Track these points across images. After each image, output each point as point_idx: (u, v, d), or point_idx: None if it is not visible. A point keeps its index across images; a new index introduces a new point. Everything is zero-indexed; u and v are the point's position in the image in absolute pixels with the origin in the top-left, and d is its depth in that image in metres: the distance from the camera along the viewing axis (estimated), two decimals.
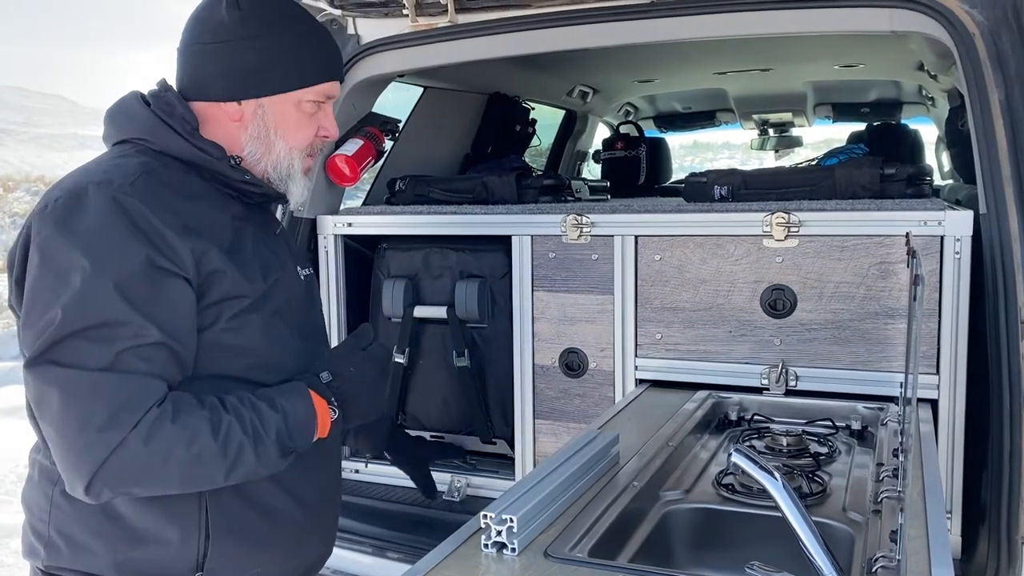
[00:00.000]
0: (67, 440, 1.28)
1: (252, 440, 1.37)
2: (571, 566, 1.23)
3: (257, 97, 1.54)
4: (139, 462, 1.29)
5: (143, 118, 1.50)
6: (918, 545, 1.22)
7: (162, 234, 1.36)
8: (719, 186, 2.41)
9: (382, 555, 2.37)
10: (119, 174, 1.39)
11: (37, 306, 1.32)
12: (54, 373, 1.28)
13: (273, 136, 1.56)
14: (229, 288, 1.44)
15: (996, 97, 1.97)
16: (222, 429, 1.34)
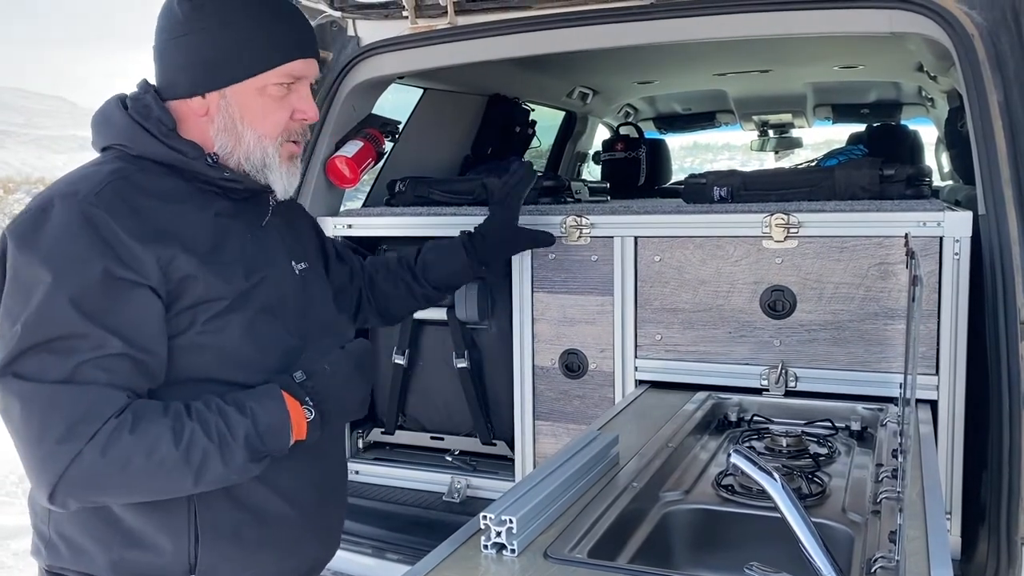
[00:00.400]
0: (28, 451, 1.29)
1: (218, 446, 1.35)
2: (571, 567, 1.23)
3: (218, 88, 1.51)
4: (98, 472, 1.29)
5: (121, 124, 1.50)
6: (917, 546, 1.22)
7: (125, 244, 1.35)
8: (718, 187, 2.42)
9: (381, 556, 2.37)
10: (87, 184, 1.39)
11: (6, 320, 1.33)
12: (16, 385, 1.29)
13: (240, 127, 1.52)
14: (203, 292, 1.43)
15: (995, 98, 1.97)
16: (184, 436, 1.33)
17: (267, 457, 1.43)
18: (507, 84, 3.84)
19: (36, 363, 1.29)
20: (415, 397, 2.76)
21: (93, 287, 1.32)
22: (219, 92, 1.52)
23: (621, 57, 3.60)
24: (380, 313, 2.12)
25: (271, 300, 1.54)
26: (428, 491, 2.63)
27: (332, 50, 2.76)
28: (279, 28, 1.55)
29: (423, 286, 2.13)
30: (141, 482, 1.33)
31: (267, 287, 1.54)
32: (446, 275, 2.15)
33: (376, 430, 2.82)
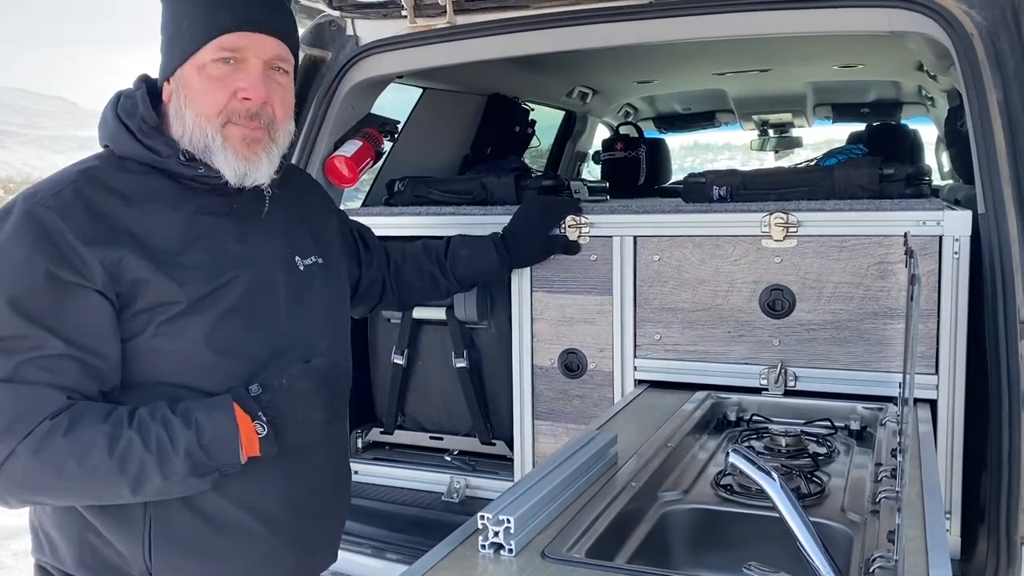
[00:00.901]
0: None
1: (156, 457, 1.31)
2: (568, 567, 1.23)
3: (172, 72, 1.49)
4: (31, 473, 1.28)
5: (110, 124, 1.51)
6: (916, 545, 1.22)
7: (71, 246, 1.33)
8: (718, 186, 2.41)
9: (381, 556, 2.37)
10: (49, 185, 1.39)
11: None
12: None
13: (184, 109, 1.47)
14: (156, 295, 1.40)
15: (994, 97, 1.97)
16: (119, 445, 1.30)
17: (215, 472, 1.37)
18: (506, 83, 3.83)
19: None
20: (414, 397, 2.76)
21: (35, 288, 1.31)
22: (173, 78, 1.50)
23: (621, 56, 3.60)
24: (400, 301, 2.18)
25: (244, 301, 1.49)
26: (427, 491, 2.63)
27: (331, 49, 2.76)
28: (218, 2, 1.48)
29: (449, 280, 2.19)
30: (75, 486, 1.31)
31: (239, 287, 1.48)
32: (474, 272, 2.23)
33: (375, 430, 2.82)
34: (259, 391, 1.43)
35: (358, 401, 2.81)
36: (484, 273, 2.26)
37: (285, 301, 1.58)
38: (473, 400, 2.63)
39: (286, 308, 1.57)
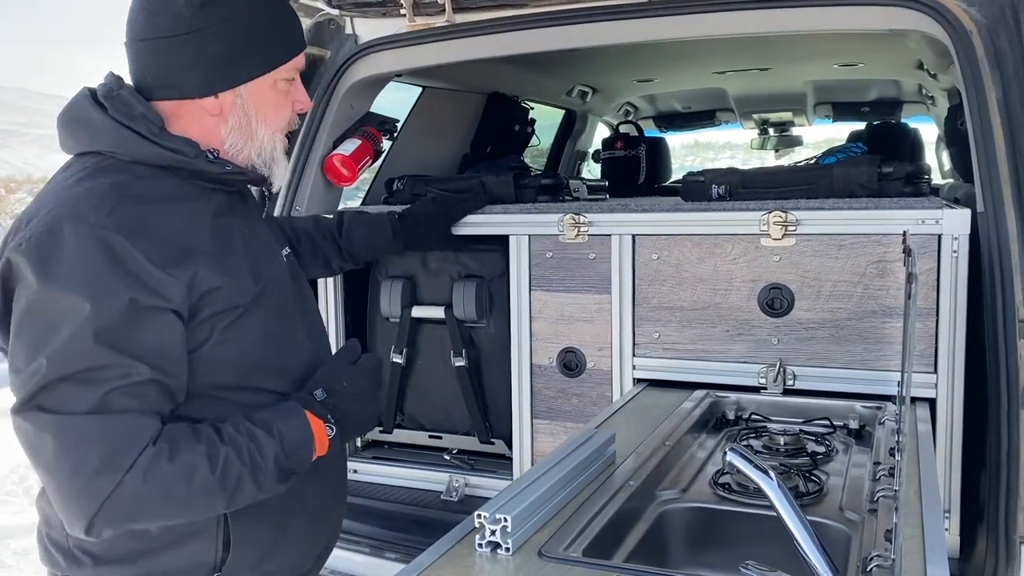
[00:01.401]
0: (61, 486, 1.26)
1: (250, 469, 1.35)
2: (565, 566, 1.23)
3: (235, 86, 1.47)
4: (138, 501, 1.27)
5: (103, 127, 1.41)
6: (914, 544, 1.21)
7: (149, 272, 1.31)
8: (717, 185, 2.41)
9: (379, 555, 2.37)
10: (91, 204, 1.32)
11: (22, 352, 1.28)
12: (42, 419, 1.25)
13: (255, 123, 1.50)
14: (224, 301, 1.41)
15: (994, 95, 1.96)
16: (219, 462, 1.32)
17: (294, 474, 1.43)
18: (506, 82, 3.83)
19: (62, 395, 1.25)
20: (413, 396, 2.76)
21: (119, 318, 1.28)
22: (234, 91, 1.47)
23: (620, 55, 3.60)
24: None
25: (277, 299, 1.53)
26: (426, 490, 2.63)
27: (330, 48, 2.75)
28: (286, 23, 1.54)
29: (343, 258, 2.27)
30: (179, 508, 1.33)
31: (273, 286, 1.53)
32: (370, 250, 2.34)
33: (375, 429, 2.81)
34: (324, 395, 1.49)
35: None
36: (380, 250, 2.39)
37: (294, 293, 1.62)
38: (472, 399, 2.63)
39: (295, 297, 1.62)
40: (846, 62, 3.89)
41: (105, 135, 1.41)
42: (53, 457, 1.24)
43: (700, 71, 4.26)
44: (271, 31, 1.49)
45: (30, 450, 1.28)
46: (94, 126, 1.42)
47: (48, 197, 1.38)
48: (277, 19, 1.52)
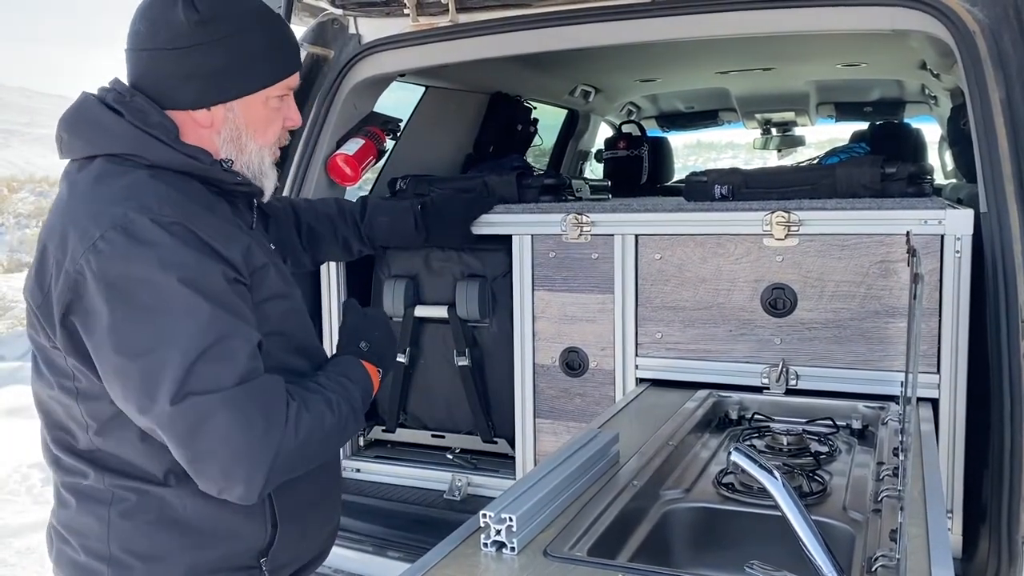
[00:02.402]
0: (236, 453, 1.31)
1: (351, 411, 1.52)
2: (570, 565, 1.23)
3: (226, 101, 1.51)
4: (297, 450, 1.37)
5: (122, 131, 1.44)
6: (918, 544, 1.22)
7: (220, 249, 1.38)
8: (720, 185, 2.41)
9: (382, 554, 2.37)
10: (147, 195, 1.38)
11: (138, 343, 1.31)
12: (200, 402, 1.29)
13: (245, 137, 1.55)
14: (271, 285, 1.52)
15: (997, 96, 1.97)
16: (335, 406, 1.47)
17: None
18: (509, 82, 3.83)
19: (205, 376, 1.30)
20: (416, 395, 2.76)
21: (221, 292, 1.36)
22: (225, 105, 1.52)
23: (623, 55, 3.60)
24: (313, 260, 2.27)
25: (298, 293, 1.66)
26: (429, 489, 2.64)
27: (333, 48, 2.76)
28: (281, 44, 1.59)
29: (363, 243, 2.33)
30: (320, 451, 1.47)
31: (291, 281, 1.65)
32: (391, 237, 2.39)
33: (377, 428, 2.82)
34: (367, 346, 1.69)
35: None
36: (400, 239, 2.41)
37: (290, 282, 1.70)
38: (475, 398, 2.64)
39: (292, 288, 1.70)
40: (849, 62, 3.89)
41: (125, 139, 1.43)
42: (225, 431, 1.30)
43: (703, 71, 4.26)
44: (267, 51, 1.54)
45: (190, 436, 1.31)
46: (111, 130, 1.44)
47: (88, 199, 1.39)
48: (273, 40, 1.56)
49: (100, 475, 1.44)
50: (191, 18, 1.45)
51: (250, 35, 1.51)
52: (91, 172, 1.43)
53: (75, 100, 1.50)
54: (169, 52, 1.46)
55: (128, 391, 1.32)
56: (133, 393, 1.31)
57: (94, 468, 1.45)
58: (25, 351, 9.87)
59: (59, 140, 1.48)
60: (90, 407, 1.42)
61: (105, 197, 1.38)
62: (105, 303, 1.31)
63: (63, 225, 1.37)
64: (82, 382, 1.40)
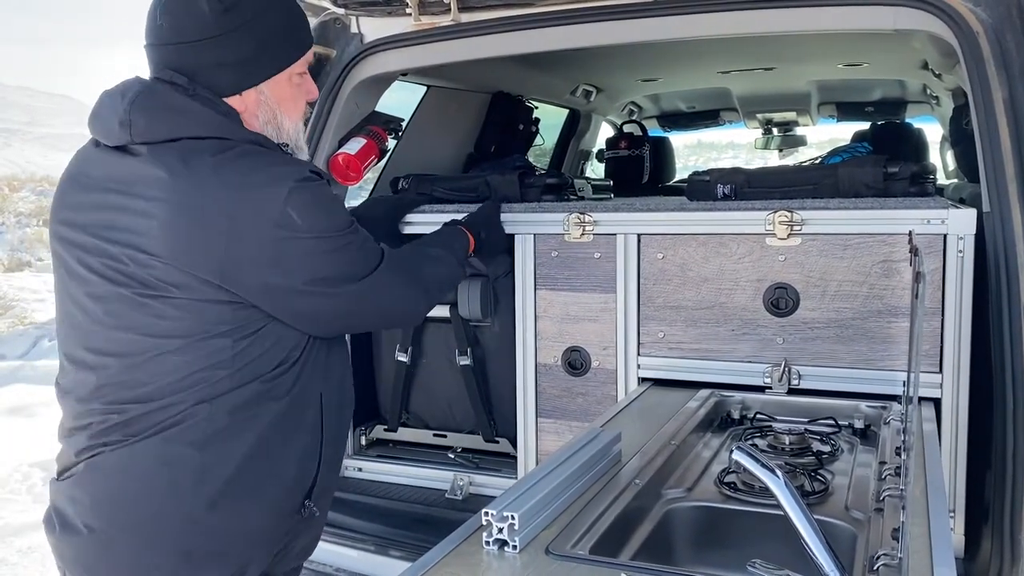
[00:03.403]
0: (408, 293, 1.76)
1: (463, 255, 2.11)
2: (572, 563, 1.23)
3: (260, 82, 1.59)
4: (439, 277, 1.93)
5: (206, 117, 1.52)
6: (920, 544, 1.21)
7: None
8: (722, 185, 2.41)
9: (384, 553, 2.37)
10: (299, 165, 1.58)
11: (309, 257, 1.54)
12: (376, 276, 1.65)
13: (280, 116, 1.64)
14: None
15: (1000, 95, 1.96)
16: (448, 253, 2.01)
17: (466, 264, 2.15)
18: (511, 82, 3.83)
19: (360, 263, 1.63)
20: (418, 394, 2.76)
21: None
22: (256, 88, 1.60)
23: (625, 55, 3.60)
24: None
25: None
26: (431, 488, 2.63)
27: (336, 47, 2.76)
28: (297, 22, 1.67)
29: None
30: (452, 275, 2.01)
31: None
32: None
33: (379, 427, 2.82)
34: (484, 236, 2.23)
35: (362, 398, 2.82)
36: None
37: None
38: (477, 398, 2.64)
39: None
40: (851, 62, 3.89)
41: (212, 123, 1.53)
42: (394, 286, 1.69)
43: (704, 71, 4.26)
44: (286, 30, 1.63)
45: (376, 303, 1.67)
46: (197, 115, 1.53)
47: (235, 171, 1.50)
48: (290, 18, 1.65)
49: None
50: (215, 8, 1.51)
51: (270, 16, 1.59)
52: (200, 151, 1.50)
53: (135, 87, 1.55)
54: (198, 44, 1.53)
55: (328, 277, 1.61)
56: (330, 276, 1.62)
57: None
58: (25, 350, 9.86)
59: (127, 124, 1.51)
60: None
61: (286, 165, 1.55)
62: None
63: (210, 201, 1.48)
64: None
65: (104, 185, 1.53)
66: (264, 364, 1.56)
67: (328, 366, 1.70)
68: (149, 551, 1.51)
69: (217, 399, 1.51)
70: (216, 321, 1.50)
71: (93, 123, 1.59)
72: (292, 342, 1.60)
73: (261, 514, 1.59)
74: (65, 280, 1.58)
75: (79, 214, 1.55)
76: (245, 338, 1.53)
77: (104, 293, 1.51)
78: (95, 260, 1.52)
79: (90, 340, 1.55)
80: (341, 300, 1.60)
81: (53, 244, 1.61)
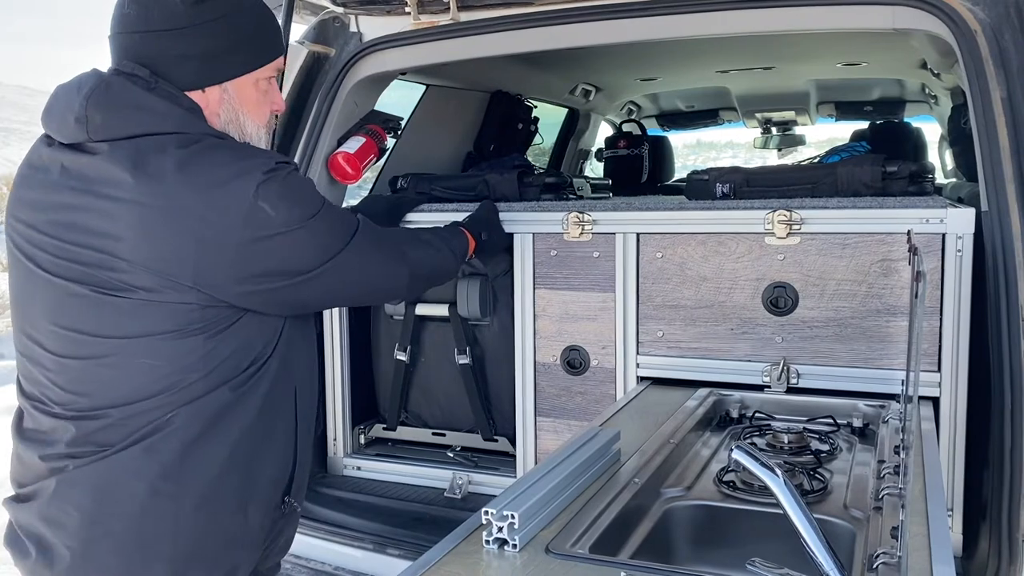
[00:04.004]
0: (389, 271, 1.78)
1: (463, 251, 2.14)
2: (572, 562, 1.23)
3: (221, 82, 1.56)
4: (426, 261, 1.92)
5: (168, 111, 1.48)
6: (919, 542, 1.22)
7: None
8: (721, 184, 2.41)
9: (383, 552, 2.37)
10: (265, 155, 1.55)
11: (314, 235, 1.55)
12: (356, 248, 1.64)
13: (243, 118, 1.60)
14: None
15: (998, 95, 1.97)
16: (448, 243, 2.05)
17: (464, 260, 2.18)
18: (510, 81, 3.83)
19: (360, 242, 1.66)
20: (417, 393, 2.76)
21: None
22: (219, 87, 1.56)
23: (624, 54, 3.60)
24: None
25: None
26: (430, 487, 2.64)
27: (334, 46, 2.76)
28: (268, 27, 1.64)
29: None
30: (447, 264, 2.02)
31: None
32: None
33: (378, 426, 2.82)
34: (486, 237, 2.26)
35: (361, 397, 2.82)
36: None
37: None
38: (476, 396, 2.64)
39: None
40: (849, 61, 3.89)
41: (172, 118, 1.49)
42: (371, 255, 1.70)
43: (703, 70, 4.26)
44: (257, 32, 1.60)
45: (356, 276, 1.66)
46: (157, 110, 1.48)
47: (202, 167, 1.46)
48: (262, 21, 1.62)
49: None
50: (186, 2, 1.49)
51: (241, 17, 1.56)
52: (161, 147, 1.45)
53: (90, 81, 1.49)
54: (165, 33, 1.49)
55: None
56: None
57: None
58: None
59: (84, 121, 1.45)
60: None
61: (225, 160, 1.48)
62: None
63: (178, 201, 1.43)
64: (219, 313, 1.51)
65: (62, 183, 1.47)
66: (234, 366, 1.52)
67: (298, 361, 1.66)
68: (141, 566, 1.49)
69: (191, 404, 1.48)
70: (186, 320, 1.46)
71: (47, 119, 1.52)
72: (263, 339, 1.57)
73: (245, 516, 1.58)
74: (22, 280, 1.52)
75: (36, 213, 1.49)
76: (216, 335, 1.49)
77: (65, 293, 1.45)
78: (53, 260, 1.46)
79: (51, 342, 1.49)
80: (321, 280, 1.57)
81: (9, 243, 1.54)
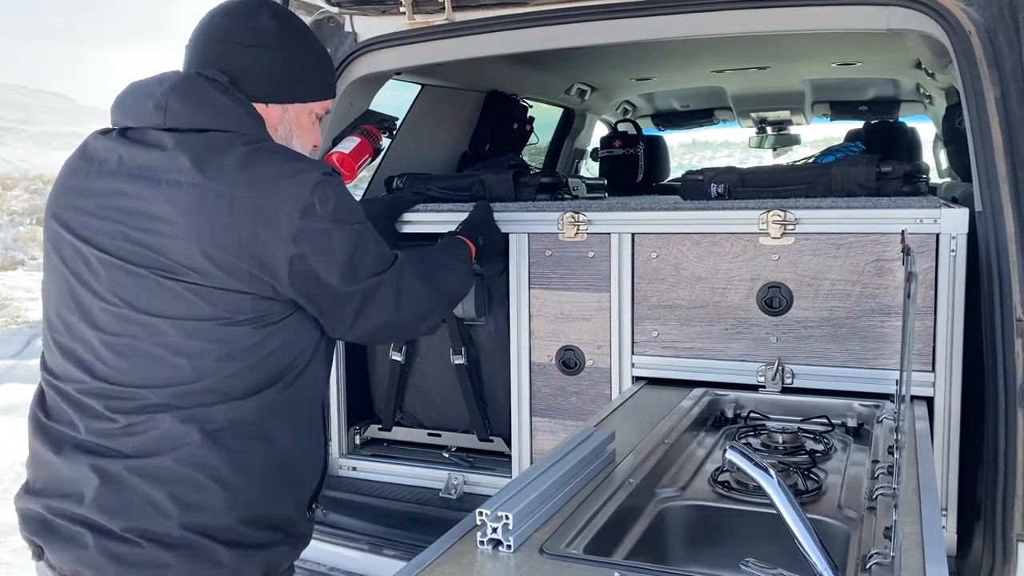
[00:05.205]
0: (421, 308, 1.79)
1: (469, 266, 2.09)
2: (566, 563, 1.23)
3: (286, 102, 1.70)
4: (451, 287, 1.97)
5: (236, 113, 1.60)
6: (913, 542, 1.22)
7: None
8: (716, 184, 2.41)
9: (378, 552, 2.37)
10: (318, 162, 1.67)
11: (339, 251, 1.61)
12: (388, 277, 1.69)
13: (295, 139, 1.74)
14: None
15: (992, 95, 1.97)
16: (453, 264, 2.00)
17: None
18: (505, 80, 3.83)
19: (377, 262, 1.68)
20: (412, 394, 2.76)
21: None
22: (283, 106, 1.70)
23: (619, 54, 3.60)
24: None
25: None
26: (425, 487, 2.64)
27: (329, 46, 2.75)
28: (330, 69, 1.84)
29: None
30: (462, 285, 2.03)
31: None
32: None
33: (373, 426, 2.82)
34: (482, 242, 2.21)
35: (357, 397, 2.82)
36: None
37: None
38: (471, 397, 2.64)
39: None
40: (844, 61, 3.90)
41: (241, 120, 1.61)
42: (414, 287, 1.74)
43: (698, 70, 4.26)
44: (323, 70, 1.79)
45: (395, 302, 1.70)
46: (229, 110, 1.61)
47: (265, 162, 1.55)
48: (324, 63, 1.81)
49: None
50: (275, 26, 1.66)
51: (312, 53, 1.75)
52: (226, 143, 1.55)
53: (173, 76, 1.61)
54: (253, 48, 1.65)
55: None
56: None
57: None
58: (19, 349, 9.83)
59: (163, 108, 1.57)
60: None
61: (285, 159, 1.59)
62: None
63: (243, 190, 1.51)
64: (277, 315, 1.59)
65: (121, 171, 1.55)
66: (278, 362, 1.58)
67: (325, 372, 1.75)
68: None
69: (238, 401, 1.53)
70: (236, 309, 1.52)
71: (118, 109, 1.62)
72: (304, 343, 1.63)
73: (290, 513, 1.63)
74: (64, 265, 1.57)
75: (90, 200, 1.56)
76: (263, 327, 1.55)
77: (123, 272, 1.51)
78: (111, 241, 1.52)
79: (99, 321, 1.53)
80: (360, 291, 1.63)
81: (53, 232, 1.60)
